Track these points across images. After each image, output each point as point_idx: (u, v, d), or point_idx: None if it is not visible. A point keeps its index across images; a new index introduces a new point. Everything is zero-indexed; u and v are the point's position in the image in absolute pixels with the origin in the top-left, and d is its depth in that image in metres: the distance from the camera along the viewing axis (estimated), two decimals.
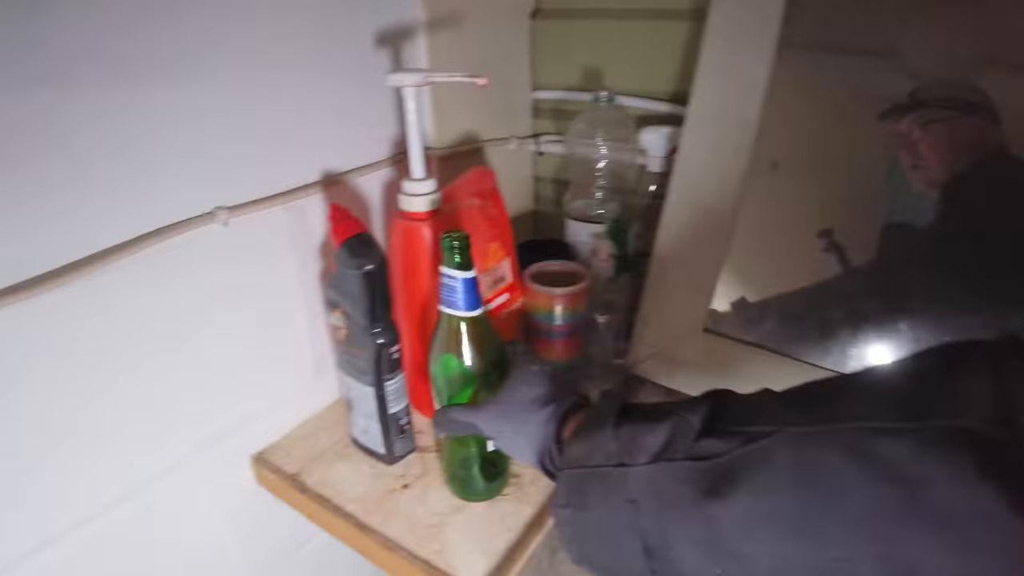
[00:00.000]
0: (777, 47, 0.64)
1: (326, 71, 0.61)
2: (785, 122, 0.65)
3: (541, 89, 0.90)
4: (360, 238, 0.55)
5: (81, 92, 0.44)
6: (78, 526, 0.51)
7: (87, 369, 0.49)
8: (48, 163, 0.43)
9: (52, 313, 0.45)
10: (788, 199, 0.67)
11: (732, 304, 0.69)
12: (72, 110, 0.44)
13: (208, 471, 0.61)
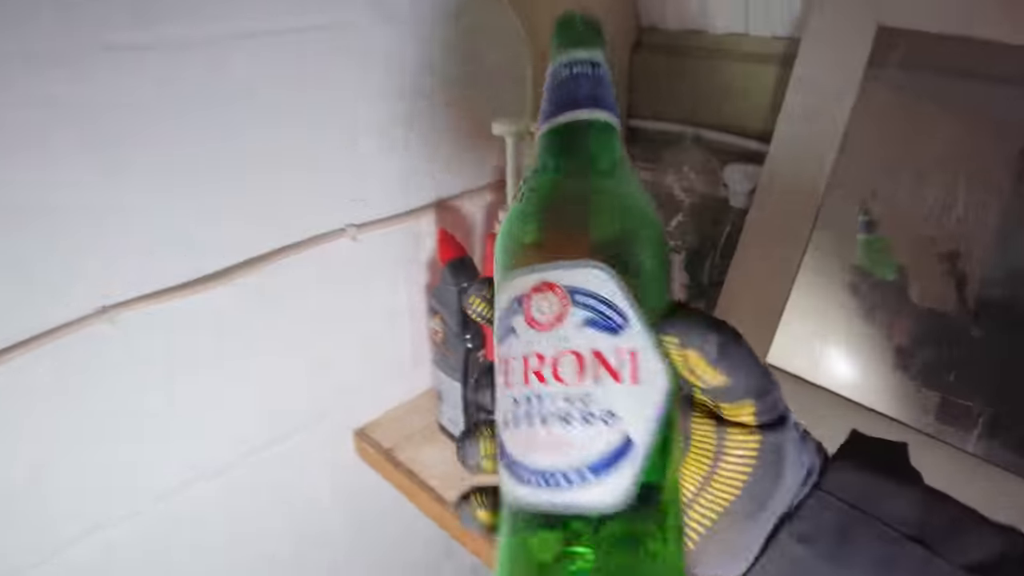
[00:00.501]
0: (857, 99, 0.69)
1: (447, 103, 0.71)
2: (861, 169, 0.70)
3: (635, 118, 0.97)
4: (461, 260, 0.66)
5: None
6: (219, 473, 0.65)
7: (236, 355, 0.62)
8: (233, 184, 0.56)
9: (221, 303, 0.59)
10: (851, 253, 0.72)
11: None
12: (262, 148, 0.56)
13: (319, 440, 0.74)
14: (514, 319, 0.28)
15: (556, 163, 0.31)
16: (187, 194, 0.55)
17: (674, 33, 0.89)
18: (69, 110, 0.47)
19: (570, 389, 0.26)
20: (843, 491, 0.29)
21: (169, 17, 0.49)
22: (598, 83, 0.33)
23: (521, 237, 0.30)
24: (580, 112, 0.32)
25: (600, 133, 0.32)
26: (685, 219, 0.86)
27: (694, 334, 0.26)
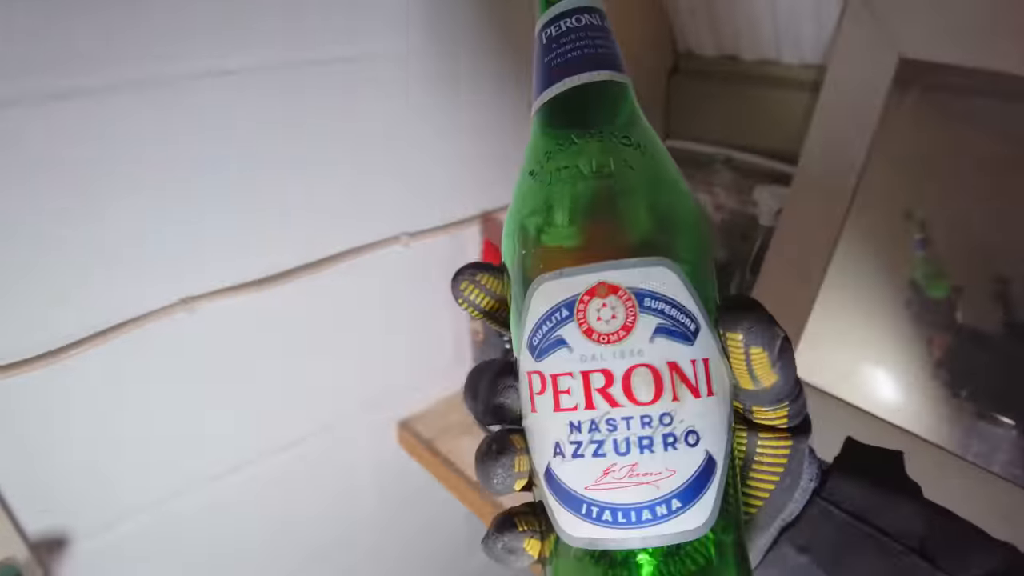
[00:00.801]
0: (879, 127, 0.73)
1: (496, 125, 0.77)
2: (879, 197, 0.75)
3: (670, 138, 1.03)
4: (500, 267, 0.71)
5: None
6: (274, 454, 0.72)
7: (296, 348, 0.69)
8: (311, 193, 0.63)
9: (287, 300, 0.66)
10: (875, 273, 0.76)
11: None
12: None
13: (365, 429, 0.80)
14: (563, 329, 0.24)
15: (565, 140, 0.27)
16: (262, 200, 0.62)
17: (709, 59, 0.94)
18: (172, 123, 0.54)
19: (648, 410, 0.23)
20: (844, 501, 0.28)
21: (262, 43, 0.57)
22: (592, 36, 0.28)
23: (547, 229, 0.26)
24: (577, 77, 0.27)
25: (607, 96, 0.28)
26: (716, 235, 0.91)
27: (763, 332, 0.24)
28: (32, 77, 0.48)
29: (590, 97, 0.27)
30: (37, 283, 0.53)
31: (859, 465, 0.31)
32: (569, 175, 0.26)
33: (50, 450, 0.57)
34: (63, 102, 0.49)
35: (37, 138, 0.49)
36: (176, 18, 0.52)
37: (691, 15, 0.91)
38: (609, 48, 0.28)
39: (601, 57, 0.27)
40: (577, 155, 0.26)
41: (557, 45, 0.28)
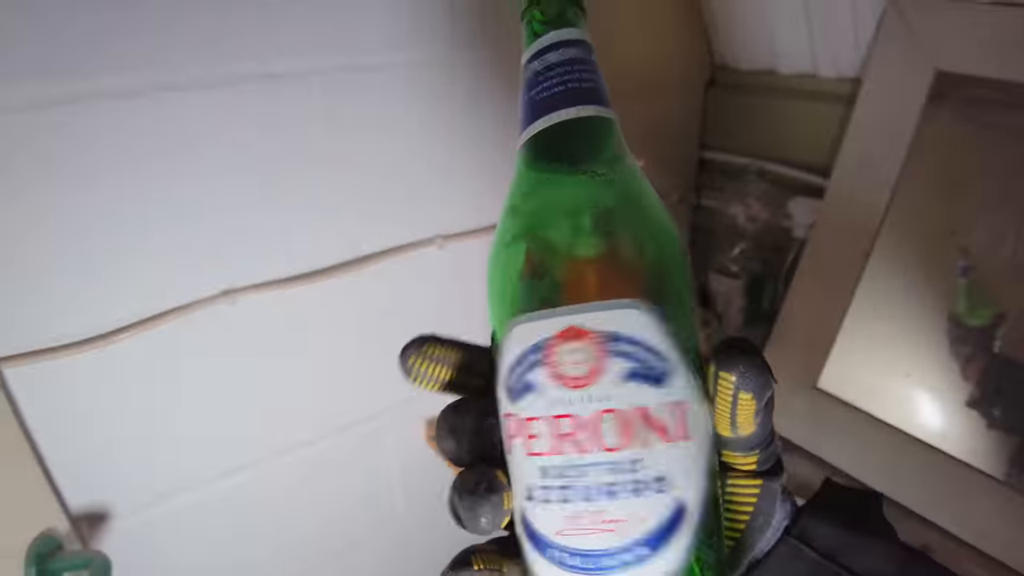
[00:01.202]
0: (913, 140, 0.74)
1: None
2: (913, 212, 0.75)
3: (706, 149, 1.04)
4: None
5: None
6: (307, 445, 0.74)
7: (332, 343, 0.72)
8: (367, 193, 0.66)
9: (326, 296, 0.69)
10: (905, 289, 0.76)
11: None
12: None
13: (395, 424, 0.82)
14: (532, 374, 0.24)
15: (546, 176, 0.27)
16: (304, 198, 0.65)
17: (745, 72, 0.96)
18: (222, 121, 0.58)
19: (615, 456, 0.22)
20: (815, 541, 0.28)
21: (310, 49, 0.60)
22: (578, 70, 0.28)
23: (522, 268, 0.25)
24: (562, 113, 0.27)
25: (590, 132, 0.27)
26: (748, 246, 0.92)
27: (757, 377, 0.23)
28: (101, 76, 0.52)
29: (573, 133, 0.27)
30: (90, 272, 0.56)
31: (835, 505, 0.30)
32: (545, 214, 0.26)
33: (95, 428, 0.60)
34: (128, 100, 0.53)
35: (104, 133, 0.53)
36: (225, 22, 0.56)
37: (728, 29, 0.93)
38: (594, 82, 0.28)
39: (586, 92, 0.27)
40: (555, 194, 0.27)
41: (543, 79, 0.28)
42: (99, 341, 0.57)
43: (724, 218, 0.96)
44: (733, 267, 0.92)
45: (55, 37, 0.50)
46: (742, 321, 0.89)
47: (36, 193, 0.52)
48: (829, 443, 0.79)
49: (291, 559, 0.80)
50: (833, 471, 0.78)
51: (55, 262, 0.54)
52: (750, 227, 0.92)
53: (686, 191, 1.04)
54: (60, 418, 0.58)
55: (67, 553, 0.58)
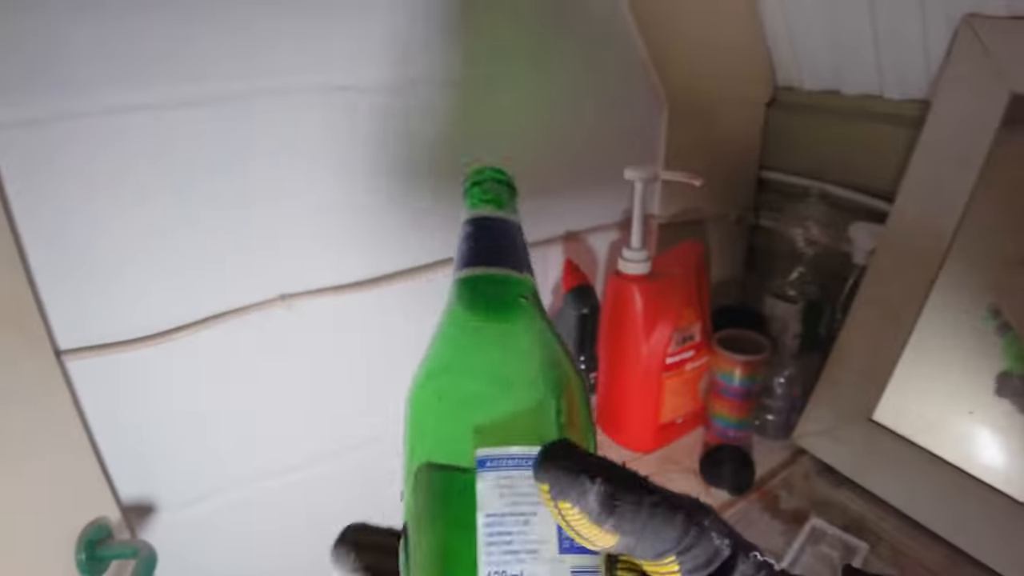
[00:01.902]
0: (984, 166, 0.72)
1: (582, 149, 0.80)
2: (982, 241, 0.73)
3: (765, 169, 1.03)
4: (583, 288, 0.74)
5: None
6: (353, 450, 0.76)
7: (379, 350, 0.73)
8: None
9: (374, 304, 0.71)
10: (971, 321, 0.74)
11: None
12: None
13: None
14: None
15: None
16: (362, 207, 0.68)
17: (808, 92, 0.95)
18: (287, 131, 0.61)
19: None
20: None
21: (381, 62, 0.63)
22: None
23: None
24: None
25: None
26: (806, 271, 0.91)
27: (566, 482, 0.22)
28: (175, 85, 0.55)
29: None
30: (153, 272, 0.59)
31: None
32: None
33: (150, 423, 0.63)
34: (199, 108, 0.57)
35: (178, 140, 0.57)
36: (308, 35, 0.59)
37: (792, 49, 0.92)
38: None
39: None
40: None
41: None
42: (158, 338, 0.60)
43: (782, 240, 0.94)
44: (790, 291, 0.91)
45: (131, 47, 0.53)
46: (797, 348, 0.88)
47: (110, 196, 0.56)
48: (882, 478, 0.77)
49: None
50: (885, 507, 0.76)
51: (121, 262, 0.58)
52: (809, 251, 0.90)
53: (744, 211, 1.03)
54: (117, 411, 0.61)
55: (116, 542, 0.61)
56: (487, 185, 0.36)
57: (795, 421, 0.87)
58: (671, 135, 0.88)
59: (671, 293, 0.76)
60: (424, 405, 0.30)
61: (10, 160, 0.51)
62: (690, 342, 0.82)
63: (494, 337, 0.30)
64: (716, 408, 0.83)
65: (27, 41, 0.49)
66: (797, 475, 0.83)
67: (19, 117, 0.51)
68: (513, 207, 0.36)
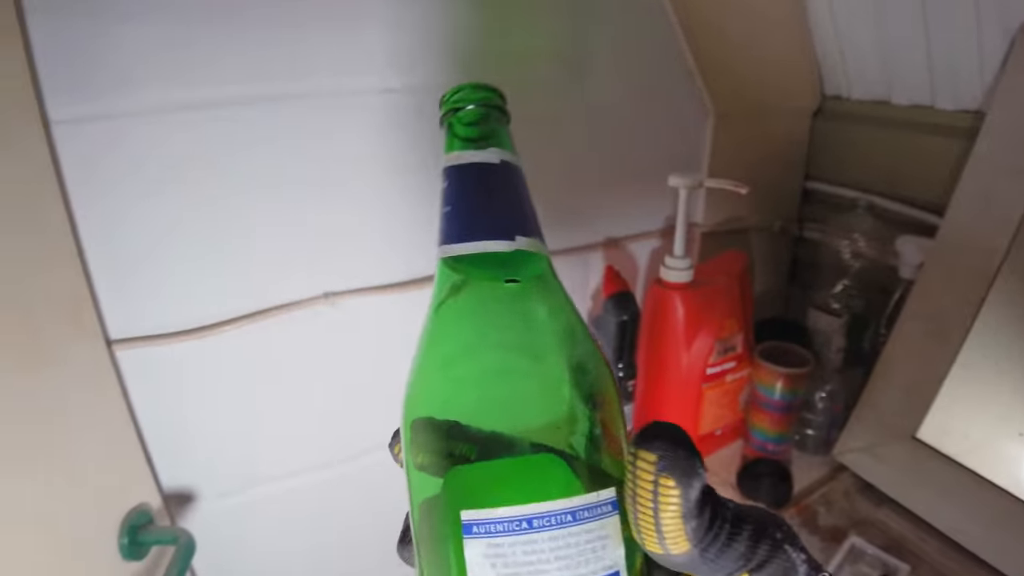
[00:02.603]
0: None
1: (626, 156, 0.81)
2: None
3: (812, 179, 1.02)
4: (623, 295, 0.75)
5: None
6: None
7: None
8: None
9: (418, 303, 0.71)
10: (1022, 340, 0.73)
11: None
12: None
13: None
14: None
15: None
16: (406, 208, 0.69)
17: (856, 102, 0.94)
18: (337, 133, 0.62)
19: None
20: None
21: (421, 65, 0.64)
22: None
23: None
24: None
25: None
26: (851, 284, 0.90)
27: (683, 460, 0.20)
28: (227, 85, 0.58)
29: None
30: (204, 266, 0.62)
31: None
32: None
33: (193, 414, 0.66)
34: (251, 107, 0.59)
35: (229, 138, 0.59)
36: (350, 42, 0.61)
37: (841, 58, 0.92)
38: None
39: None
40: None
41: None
42: (204, 331, 0.62)
43: (827, 252, 0.94)
44: (834, 304, 0.90)
45: (183, 50, 0.56)
46: (841, 361, 0.87)
47: (162, 192, 0.58)
48: (926, 499, 0.76)
49: (363, 560, 0.83)
50: (928, 529, 0.75)
51: (172, 256, 0.60)
52: (854, 263, 0.90)
53: (788, 221, 1.03)
54: (162, 401, 0.63)
55: (157, 528, 0.63)
56: (471, 112, 0.28)
57: (835, 437, 0.86)
58: (716, 143, 0.88)
59: (714, 302, 0.76)
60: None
61: (70, 153, 0.54)
62: (732, 353, 0.82)
63: (494, 334, 0.26)
64: (756, 421, 0.83)
65: (86, 43, 0.52)
66: (837, 492, 0.83)
67: (78, 113, 0.54)
68: (508, 141, 0.28)
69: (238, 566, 0.73)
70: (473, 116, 0.27)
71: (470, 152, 0.27)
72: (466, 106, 0.28)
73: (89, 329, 0.58)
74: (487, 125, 0.28)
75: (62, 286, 0.56)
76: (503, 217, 0.26)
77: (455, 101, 0.28)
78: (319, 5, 0.59)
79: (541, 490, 0.22)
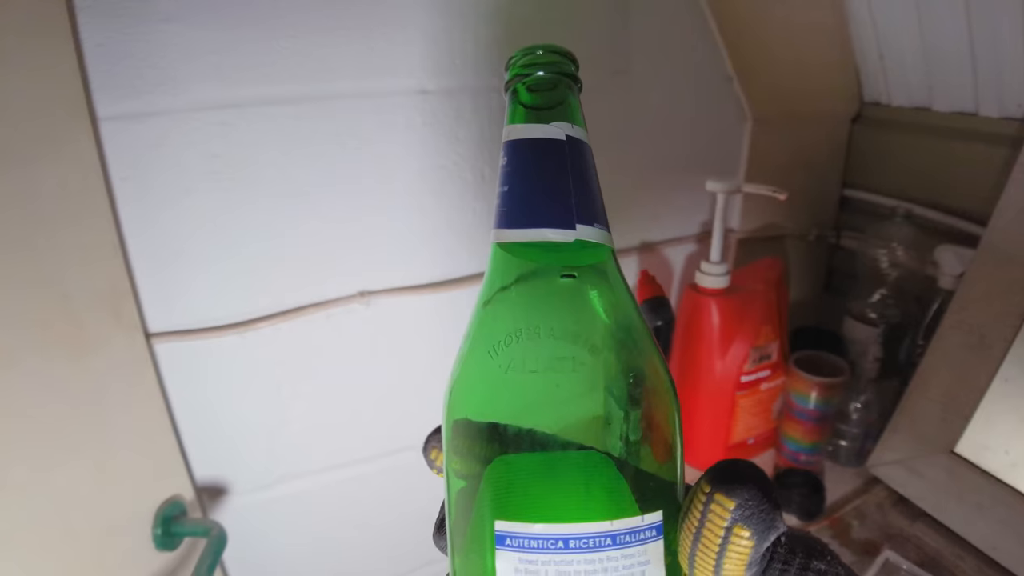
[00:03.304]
0: None
1: (664, 160, 0.81)
2: None
3: (849, 187, 1.02)
4: (658, 299, 0.75)
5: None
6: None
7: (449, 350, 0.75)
8: None
9: (449, 304, 0.72)
10: None
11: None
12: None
13: None
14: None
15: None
16: (440, 211, 0.70)
17: (896, 109, 0.94)
18: (377, 134, 0.63)
19: None
20: None
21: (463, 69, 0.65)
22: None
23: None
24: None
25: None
26: (888, 293, 0.89)
27: (765, 512, 0.20)
28: (266, 85, 0.59)
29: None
30: (242, 262, 0.63)
31: None
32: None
33: (228, 408, 0.67)
34: (291, 106, 0.60)
35: (267, 136, 0.60)
36: (396, 46, 0.62)
37: (881, 64, 0.91)
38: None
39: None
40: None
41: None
42: (241, 327, 0.63)
43: (864, 261, 0.93)
44: (871, 314, 0.90)
45: (226, 48, 0.57)
46: (876, 372, 0.86)
47: (203, 189, 0.60)
48: (963, 515, 0.75)
49: (391, 558, 0.84)
50: (964, 546, 0.74)
51: (210, 251, 0.62)
52: (892, 273, 0.89)
53: (824, 229, 1.02)
54: (197, 395, 0.65)
55: (189, 520, 0.65)
56: (539, 79, 0.26)
57: (869, 449, 0.85)
58: (753, 148, 0.88)
59: (750, 309, 0.76)
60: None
61: (117, 148, 0.56)
62: (767, 361, 0.81)
63: (546, 329, 0.24)
64: (789, 431, 0.83)
65: (133, 41, 0.54)
66: (870, 505, 0.82)
67: (125, 110, 0.55)
68: (577, 114, 0.26)
69: (267, 560, 0.75)
70: (541, 83, 0.26)
71: (533, 126, 0.25)
72: (534, 72, 0.26)
73: (129, 321, 0.59)
74: (555, 93, 0.26)
75: (104, 279, 0.57)
76: (564, 202, 0.24)
77: (522, 66, 0.26)
78: (357, 8, 0.60)
79: (583, 491, 0.22)
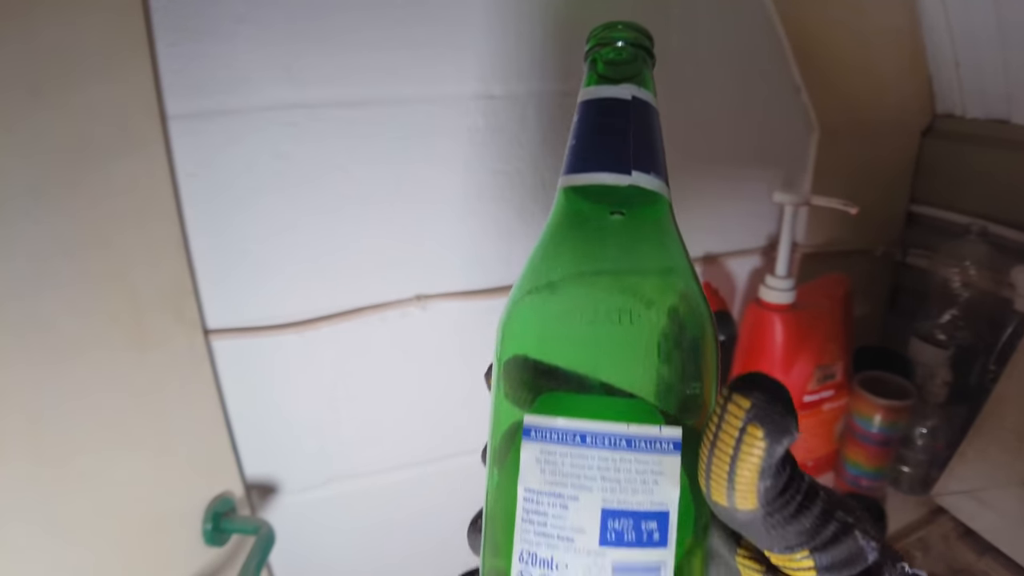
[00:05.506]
0: None
1: (728, 171, 0.81)
2: None
3: (917, 203, 1.00)
4: (720, 314, 0.74)
5: None
6: (470, 452, 0.78)
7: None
8: None
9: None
10: None
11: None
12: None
13: None
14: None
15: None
16: (495, 218, 0.71)
17: (971, 121, 0.92)
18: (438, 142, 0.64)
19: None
20: None
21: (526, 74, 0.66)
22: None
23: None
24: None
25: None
26: (959, 314, 0.88)
27: (779, 415, 0.20)
28: (335, 86, 0.61)
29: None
30: (302, 263, 0.64)
31: None
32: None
33: (281, 407, 0.68)
34: (359, 109, 0.62)
35: (334, 138, 0.62)
36: (449, 50, 0.63)
37: (956, 74, 0.89)
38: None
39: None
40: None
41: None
42: (299, 326, 0.64)
43: (933, 280, 0.91)
44: (940, 335, 0.88)
45: (296, 50, 0.59)
46: (945, 396, 0.84)
47: (266, 189, 0.61)
48: None
49: (438, 564, 0.84)
50: None
51: (272, 251, 0.63)
52: (963, 293, 0.87)
53: (891, 246, 1.01)
54: (252, 392, 0.66)
55: (239, 517, 0.66)
56: (615, 49, 0.28)
57: (935, 477, 0.84)
58: (820, 160, 0.87)
59: (815, 326, 0.75)
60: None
61: (185, 147, 0.57)
62: (830, 380, 0.80)
63: (596, 270, 0.26)
64: (850, 454, 0.82)
65: (204, 41, 0.56)
66: (935, 536, 0.80)
67: (194, 108, 0.57)
68: (649, 82, 0.28)
69: (313, 560, 0.76)
70: (617, 53, 0.28)
71: (604, 87, 0.27)
72: (613, 42, 0.28)
73: (189, 317, 0.61)
74: (630, 65, 0.28)
75: (167, 274, 0.59)
76: (621, 150, 0.26)
77: (602, 37, 0.28)
78: (425, 12, 0.61)
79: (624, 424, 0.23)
